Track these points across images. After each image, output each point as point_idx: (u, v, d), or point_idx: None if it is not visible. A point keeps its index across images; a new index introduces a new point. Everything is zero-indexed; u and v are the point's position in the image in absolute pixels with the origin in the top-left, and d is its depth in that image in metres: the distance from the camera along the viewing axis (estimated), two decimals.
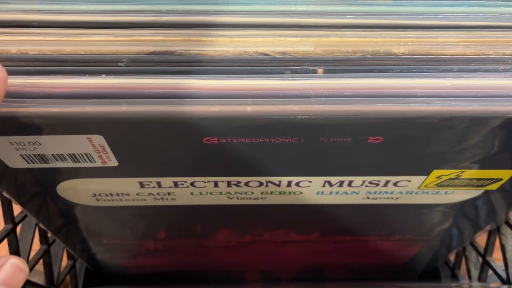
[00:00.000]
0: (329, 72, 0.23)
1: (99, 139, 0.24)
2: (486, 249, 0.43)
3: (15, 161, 0.27)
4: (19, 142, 0.25)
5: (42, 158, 0.26)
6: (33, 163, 0.27)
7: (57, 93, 0.22)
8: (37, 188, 0.31)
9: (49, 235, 0.40)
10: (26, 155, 0.26)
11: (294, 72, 0.23)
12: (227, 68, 0.23)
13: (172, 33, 0.24)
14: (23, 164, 0.27)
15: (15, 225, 0.35)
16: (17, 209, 0.35)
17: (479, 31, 0.25)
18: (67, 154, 0.26)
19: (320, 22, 0.25)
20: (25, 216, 0.36)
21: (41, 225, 0.38)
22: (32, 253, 0.39)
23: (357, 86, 0.22)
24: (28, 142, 0.25)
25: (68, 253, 0.45)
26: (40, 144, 0.25)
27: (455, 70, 0.23)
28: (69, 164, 0.27)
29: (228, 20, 0.25)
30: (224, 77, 0.23)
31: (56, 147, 0.25)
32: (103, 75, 0.22)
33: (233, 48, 0.23)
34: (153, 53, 0.23)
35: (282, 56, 0.23)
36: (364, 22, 0.25)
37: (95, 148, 0.25)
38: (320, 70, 0.23)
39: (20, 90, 0.22)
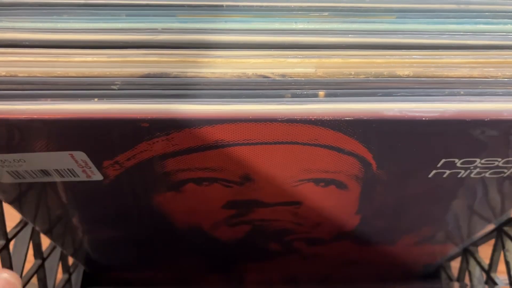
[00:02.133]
0: (331, 95, 0.22)
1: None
2: (490, 265, 0.42)
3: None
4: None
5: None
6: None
7: (47, 120, 0.21)
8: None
9: (43, 249, 0.39)
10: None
11: (294, 95, 0.22)
12: (224, 92, 0.22)
13: (167, 53, 0.23)
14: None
15: (8, 241, 0.34)
16: (10, 224, 0.34)
17: (486, 51, 0.24)
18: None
19: (321, 41, 0.24)
20: (19, 231, 0.36)
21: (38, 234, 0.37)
22: (27, 268, 0.38)
23: (359, 112, 0.22)
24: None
25: (63, 267, 0.44)
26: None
27: (462, 93, 0.22)
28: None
29: (226, 39, 0.24)
30: (221, 101, 0.22)
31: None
32: (96, 99, 0.21)
33: (231, 70, 0.23)
34: (148, 75, 0.22)
35: (282, 79, 0.22)
36: (366, 41, 0.24)
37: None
38: (321, 93, 0.22)
39: (7, 118, 0.21)
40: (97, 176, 0.27)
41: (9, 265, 0.34)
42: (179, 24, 0.24)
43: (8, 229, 0.34)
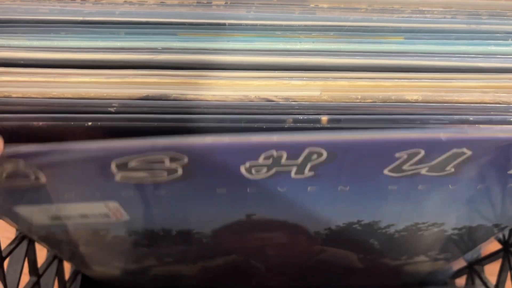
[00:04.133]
0: (335, 121, 0.21)
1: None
2: (497, 285, 0.41)
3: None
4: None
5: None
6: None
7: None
8: None
9: (38, 265, 0.38)
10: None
11: (296, 121, 0.21)
12: (225, 117, 0.21)
13: (168, 74, 0.22)
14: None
15: (2, 259, 0.33)
16: (4, 241, 0.34)
17: (498, 74, 0.23)
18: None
19: (326, 63, 0.23)
20: (14, 248, 0.35)
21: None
22: (22, 284, 0.37)
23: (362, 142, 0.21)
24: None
25: (59, 283, 0.43)
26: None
27: (471, 120, 0.22)
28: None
29: (228, 60, 0.23)
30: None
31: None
32: (90, 123, 0.21)
33: (233, 92, 0.22)
34: (147, 97, 0.21)
35: (286, 103, 0.22)
36: (374, 62, 0.23)
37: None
38: (324, 119, 0.21)
39: None
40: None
41: (3, 283, 0.33)
42: (180, 43, 0.23)
43: (3, 246, 0.34)
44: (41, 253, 0.39)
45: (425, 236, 0.34)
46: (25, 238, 0.36)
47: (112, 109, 0.21)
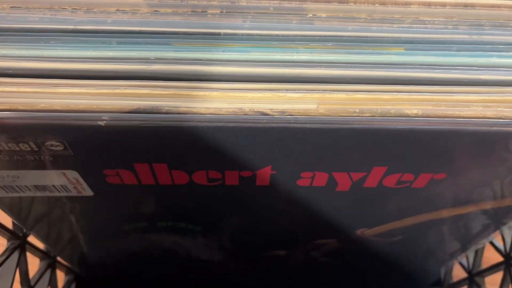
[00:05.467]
0: None
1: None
2: None
3: None
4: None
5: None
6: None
7: None
8: None
9: (30, 276, 0.37)
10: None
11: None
12: (217, 132, 0.21)
13: (160, 85, 0.22)
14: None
15: None
16: None
17: (501, 88, 0.22)
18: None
19: (324, 74, 0.23)
20: (5, 260, 0.34)
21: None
22: None
23: None
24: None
25: None
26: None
27: None
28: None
29: (223, 71, 0.22)
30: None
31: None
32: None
33: (227, 104, 0.21)
34: (137, 110, 0.21)
35: (281, 116, 0.21)
36: (373, 74, 0.23)
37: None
38: None
39: None
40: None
41: None
42: (174, 53, 0.22)
43: None
44: (34, 265, 0.39)
45: None
46: (16, 249, 0.35)
47: (102, 123, 0.20)
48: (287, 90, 0.22)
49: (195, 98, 0.21)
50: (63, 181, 0.26)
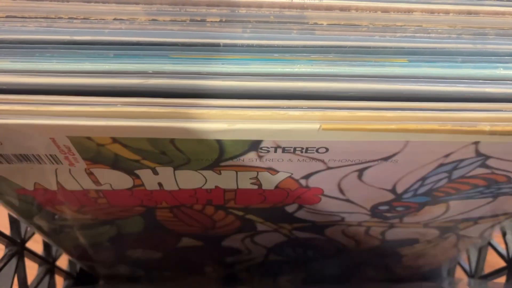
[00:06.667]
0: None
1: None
2: None
3: None
4: None
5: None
6: None
7: None
8: None
9: (29, 282, 0.37)
10: None
11: None
12: None
13: (157, 103, 0.21)
14: None
15: None
16: None
17: (507, 104, 0.22)
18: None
19: (326, 88, 0.22)
20: (3, 267, 0.34)
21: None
22: None
23: None
24: None
25: None
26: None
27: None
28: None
29: (222, 85, 0.22)
30: None
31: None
32: None
33: (226, 124, 0.21)
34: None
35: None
36: (376, 87, 0.22)
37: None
38: None
39: None
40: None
41: None
42: (172, 66, 0.22)
43: None
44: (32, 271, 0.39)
45: None
46: (14, 255, 0.35)
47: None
48: (288, 107, 0.21)
49: (193, 117, 0.21)
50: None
